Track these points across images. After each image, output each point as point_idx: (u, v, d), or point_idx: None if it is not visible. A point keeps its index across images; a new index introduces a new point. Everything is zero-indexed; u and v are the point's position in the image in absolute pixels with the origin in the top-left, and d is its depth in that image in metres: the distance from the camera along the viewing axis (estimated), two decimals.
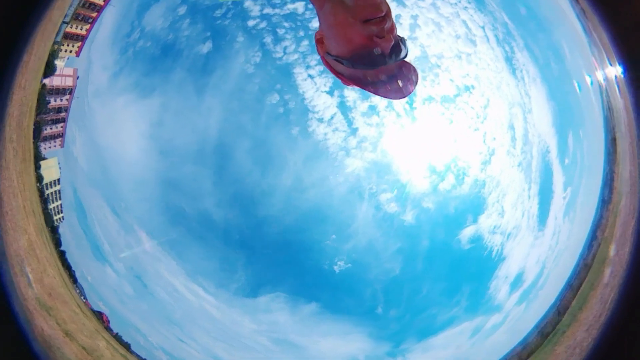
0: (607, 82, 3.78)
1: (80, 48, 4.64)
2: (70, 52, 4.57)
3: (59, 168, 4.63)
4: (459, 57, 5.81)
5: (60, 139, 4.67)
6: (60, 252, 4.51)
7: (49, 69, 4.24)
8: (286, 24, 6.39)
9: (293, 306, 6.54)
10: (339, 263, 6.73)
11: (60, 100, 4.59)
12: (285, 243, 6.84)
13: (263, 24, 6.29)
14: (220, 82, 6.18)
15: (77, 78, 4.75)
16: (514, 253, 5.88)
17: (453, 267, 6.34)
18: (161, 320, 5.51)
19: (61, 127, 4.68)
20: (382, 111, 6.45)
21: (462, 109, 6.05)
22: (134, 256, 5.43)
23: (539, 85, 5.61)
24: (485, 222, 6.19)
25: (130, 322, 5.11)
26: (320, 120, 6.92)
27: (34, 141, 4.15)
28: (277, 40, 6.38)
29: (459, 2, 5.75)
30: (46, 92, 4.36)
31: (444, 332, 5.83)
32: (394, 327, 6.16)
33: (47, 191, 4.42)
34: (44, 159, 4.42)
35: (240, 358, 5.91)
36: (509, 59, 5.74)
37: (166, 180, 6.01)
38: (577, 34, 4.38)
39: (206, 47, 6.01)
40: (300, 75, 6.74)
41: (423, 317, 6.13)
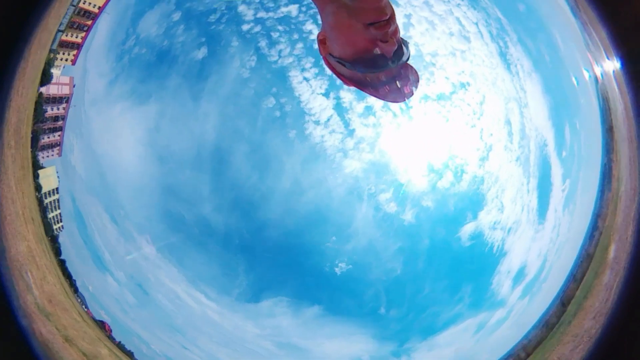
0: (602, 72, 3.81)
1: (76, 56, 4.64)
2: (66, 60, 4.56)
3: (57, 177, 4.62)
4: (454, 54, 5.85)
5: (58, 148, 4.66)
6: (61, 261, 4.48)
7: (45, 78, 4.24)
8: (280, 27, 6.42)
9: (296, 309, 6.52)
10: (340, 265, 6.72)
11: (57, 108, 4.59)
12: (285, 246, 6.83)
13: (257, 28, 6.31)
14: (216, 87, 6.19)
15: (74, 86, 4.74)
16: (515, 247, 5.89)
17: (455, 264, 6.35)
18: (164, 328, 5.47)
19: (59, 135, 4.67)
20: (379, 111, 6.47)
21: (458, 106, 6.07)
22: (134, 263, 5.40)
23: (534, 79, 5.65)
24: (485, 218, 6.20)
25: (133, 330, 5.08)
26: (316, 122, 6.93)
27: (31, 150, 4.14)
28: (272, 43, 6.40)
29: None
30: (43, 100, 4.35)
31: (448, 330, 5.82)
32: (397, 326, 6.14)
33: (46, 200, 4.41)
34: (42, 167, 4.41)
35: None
36: (503, 54, 5.78)
37: (164, 187, 5.99)
38: (570, 26, 4.43)
39: (201, 52, 6.03)
40: (296, 78, 6.76)
41: (426, 315, 6.12)
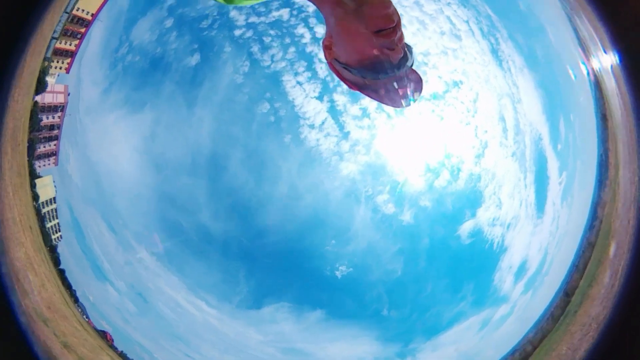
0: (594, 63, 3.85)
1: (70, 64, 4.63)
2: (60, 68, 4.56)
3: (54, 186, 4.58)
4: (445, 53, 5.91)
5: (54, 157, 4.64)
6: (60, 270, 4.42)
7: (41, 86, 4.22)
8: (272, 32, 6.48)
9: (298, 314, 6.48)
10: (340, 268, 6.71)
11: (53, 117, 4.57)
12: (285, 252, 6.81)
13: (249, 33, 6.36)
14: (210, 93, 6.21)
15: (68, 95, 4.73)
16: (515, 243, 5.92)
17: (455, 263, 6.36)
18: (165, 336, 5.41)
19: (54, 145, 4.64)
20: (373, 113, 6.52)
21: (452, 104, 6.14)
22: (134, 272, 5.36)
23: (526, 75, 5.73)
24: (483, 215, 6.23)
25: (134, 339, 5.01)
26: (311, 126, 6.97)
27: (28, 159, 4.10)
28: (264, 48, 6.45)
29: None
30: (38, 109, 4.32)
31: (452, 329, 5.80)
32: (401, 327, 6.12)
33: (43, 209, 4.36)
34: (39, 177, 4.37)
35: None
36: (494, 51, 5.85)
37: (161, 194, 5.96)
38: (560, 20, 4.48)
39: (194, 59, 6.05)
40: (289, 82, 6.80)
41: (429, 315, 6.11)
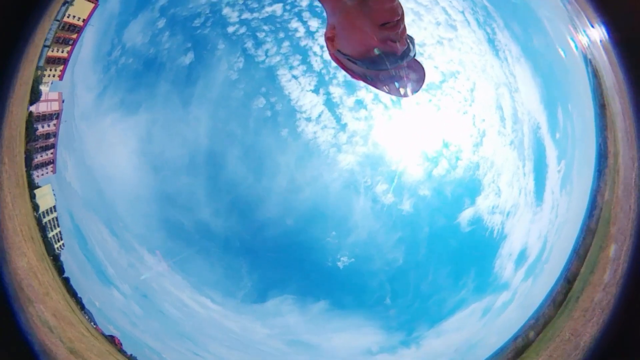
0: (591, 50, 3.84)
1: (62, 71, 4.59)
2: (54, 76, 4.52)
3: (54, 195, 4.58)
4: (441, 43, 5.86)
5: (51, 166, 4.62)
6: (65, 279, 4.46)
7: (35, 95, 4.19)
8: (266, 27, 6.39)
9: (302, 306, 6.53)
10: (342, 259, 6.73)
11: (48, 125, 4.54)
12: (286, 245, 6.83)
13: (243, 29, 6.27)
14: (206, 91, 6.14)
15: (63, 102, 4.69)
16: (514, 231, 5.95)
17: (456, 250, 6.39)
18: (173, 336, 5.47)
19: (51, 153, 4.63)
20: (370, 104, 6.47)
21: (449, 94, 6.09)
22: (138, 275, 5.39)
23: (523, 64, 5.68)
24: (483, 204, 6.25)
25: (143, 342, 5.08)
26: (308, 119, 6.91)
27: (26, 170, 4.09)
28: (258, 44, 6.36)
29: None
30: (33, 119, 4.30)
31: (455, 316, 5.87)
32: (404, 316, 6.18)
33: (44, 219, 4.37)
34: (38, 187, 4.37)
35: None
36: (491, 41, 5.79)
37: (161, 195, 5.95)
38: (557, 7, 4.46)
39: (188, 58, 5.96)
40: (284, 76, 6.73)
41: (432, 302, 6.17)
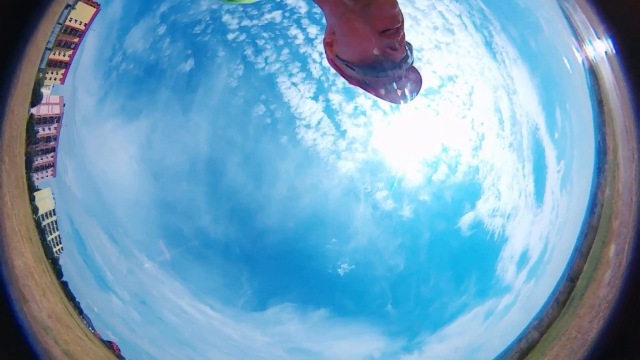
0: (587, 50, 3.87)
1: (64, 75, 4.60)
2: (55, 79, 4.53)
3: (53, 198, 4.55)
4: (439, 47, 5.94)
5: (51, 169, 4.61)
6: (63, 283, 4.40)
7: (36, 97, 4.19)
8: (265, 34, 6.48)
9: (302, 314, 6.48)
10: (342, 266, 6.72)
11: (49, 129, 4.54)
12: (286, 252, 6.81)
13: (242, 37, 6.35)
14: (206, 98, 6.19)
15: (64, 105, 4.70)
16: (515, 233, 5.96)
17: (457, 255, 6.39)
18: (172, 343, 5.40)
19: (51, 156, 4.62)
20: (369, 110, 6.54)
21: (447, 98, 6.16)
22: (137, 281, 5.34)
23: (520, 66, 5.76)
24: (483, 207, 6.27)
25: (141, 348, 5.00)
26: (307, 126, 6.98)
27: (26, 171, 4.07)
28: (258, 51, 6.44)
29: None
30: (34, 121, 4.30)
31: (457, 320, 5.83)
32: (406, 322, 6.15)
33: (43, 222, 4.34)
34: (38, 189, 4.34)
35: None
36: (488, 44, 5.88)
37: (161, 202, 5.95)
38: (552, 9, 4.52)
39: (188, 64, 6.03)
40: (284, 83, 6.80)
41: (434, 308, 6.14)
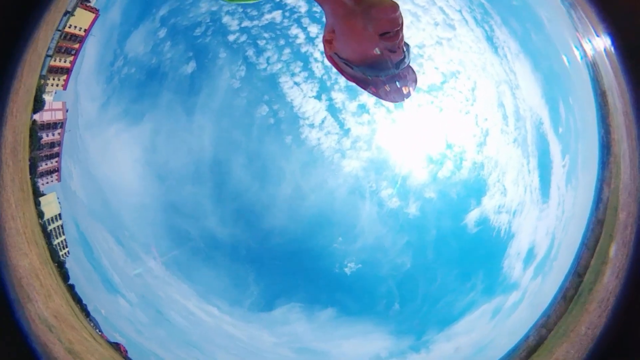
0: (589, 43, 3.82)
1: (66, 81, 4.65)
2: (57, 85, 4.57)
3: (59, 203, 4.60)
4: (440, 43, 5.89)
5: (56, 174, 4.66)
6: (70, 286, 4.44)
7: (38, 104, 4.23)
8: (266, 35, 6.48)
9: (309, 314, 6.48)
10: (349, 265, 6.71)
11: (53, 134, 4.59)
12: (293, 252, 6.82)
13: (243, 37, 6.37)
14: (209, 100, 6.21)
15: (67, 111, 4.74)
16: (522, 229, 5.89)
17: (464, 252, 6.34)
18: (180, 345, 5.43)
19: (56, 161, 4.66)
20: (372, 108, 6.51)
21: (450, 95, 6.11)
22: (144, 282, 5.38)
23: (522, 60, 5.69)
24: (489, 203, 6.21)
25: (149, 349, 5.04)
26: (311, 125, 6.97)
27: (31, 177, 4.11)
28: (259, 51, 6.45)
29: None
30: (37, 127, 4.34)
31: (464, 318, 5.78)
32: (413, 320, 6.11)
33: (49, 226, 4.38)
34: (43, 195, 4.39)
35: None
36: (489, 38, 5.81)
37: (167, 204, 5.98)
38: (553, 2, 4.46)
39: (190, 67, 6.05)
40: (287, 83, 6.80)
41: (441, 306, 6.10)
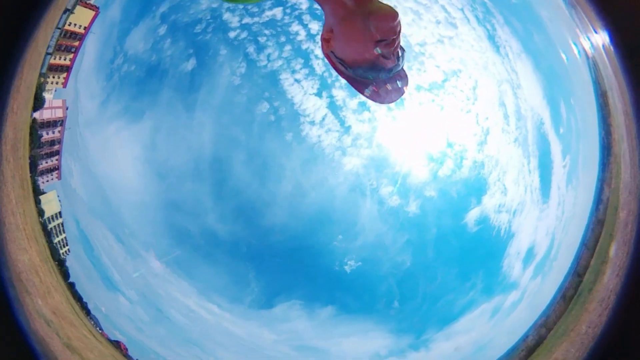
0: (590, 44, 3.81)
1: (66, 79, 4.63)
2: (57, 83, 4.56)
3: (59, 201, 4.60)
4: (442, 41, 5.86)
5: (56, 172, 4.65)
6: (70, 284, 4.45)
7: (38, 102, 4.22)
8: (267, 32, 6.45)
9: (310, 312, 6.49)
10: (349, 263, 6.70)
11: (53, 132, 4.58)
12: (293, 249, 6.81)
13: (244, 34, 6.34)
14: (209, 97, 6.19)
15: (67, 109, 4.73)
16: (522, 229, 5.88)
17: (464, 251, 6.33)
18: (180, 343, 5.45)
19: (56, 159, 4.66)
20: (373, 106, 6.49)
21: (451, 93, 6.09)
22: (145, 280, 5.39)
23: (524, 59, 5.66)
24: (489, 203, 6.20)
25: (149, 347, 5.05)
26: (312, 123, 6.95)
27: (31, 175, 4.11)
28: (260, 48, 6.42)
29: None
30: (37, 126, 4.33)
31: (464, 317, 5.79)
32: (413, 319, 6.12)
33: (50, 224, 4.38)
34: (43, 193, 4.39)
35: None
36: (491, 37, 5.79)
37: (167, 202, 5.97)
38: (555, 2, 4.44)
39: (190, 64, 6.03)
40: (287, 80, 6.77)
41: (440, 305, 6.10)
